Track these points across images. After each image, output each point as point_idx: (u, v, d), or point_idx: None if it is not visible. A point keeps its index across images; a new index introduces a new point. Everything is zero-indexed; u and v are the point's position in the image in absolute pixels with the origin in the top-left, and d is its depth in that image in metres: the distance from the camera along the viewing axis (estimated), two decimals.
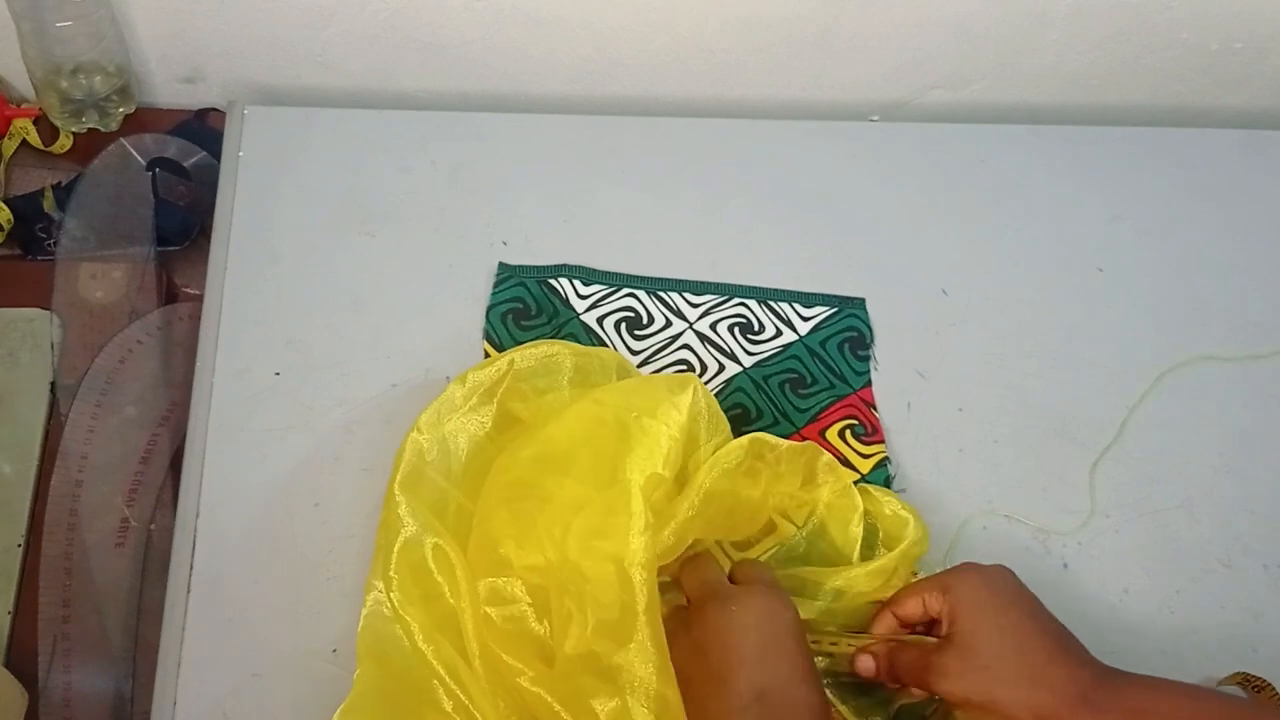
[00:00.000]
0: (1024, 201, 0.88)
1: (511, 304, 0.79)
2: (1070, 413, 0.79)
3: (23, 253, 0.81)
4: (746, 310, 0.80)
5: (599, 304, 0.79)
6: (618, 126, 0.88)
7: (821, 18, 0.86)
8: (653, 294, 0.80)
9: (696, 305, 0.80)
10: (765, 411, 0.76)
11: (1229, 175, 0.91)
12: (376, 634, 0.64)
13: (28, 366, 0.76)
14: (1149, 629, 0.71)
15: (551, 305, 0.79)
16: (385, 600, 0.64)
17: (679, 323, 0.80)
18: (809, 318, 0.80)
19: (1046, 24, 0.87)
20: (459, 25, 0.85)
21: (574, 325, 0.78)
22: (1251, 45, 0.90)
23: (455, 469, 0.68)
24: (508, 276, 0.80)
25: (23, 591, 0.69)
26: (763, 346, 0.79)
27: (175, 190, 0.83)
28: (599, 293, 0.80)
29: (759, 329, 0.80)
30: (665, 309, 0.80)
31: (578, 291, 0.80)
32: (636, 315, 0.79)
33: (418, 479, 0.67)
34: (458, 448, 0.69)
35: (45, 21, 0.78)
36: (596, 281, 0.80)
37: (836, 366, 0.78)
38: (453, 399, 0.69)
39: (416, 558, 0.64)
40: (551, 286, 0.80)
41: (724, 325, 0.79)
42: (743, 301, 0.81)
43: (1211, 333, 0.83)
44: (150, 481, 0.73)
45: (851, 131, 0.90)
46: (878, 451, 0.75)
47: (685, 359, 0.78)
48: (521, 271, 0.80)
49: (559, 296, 0.79)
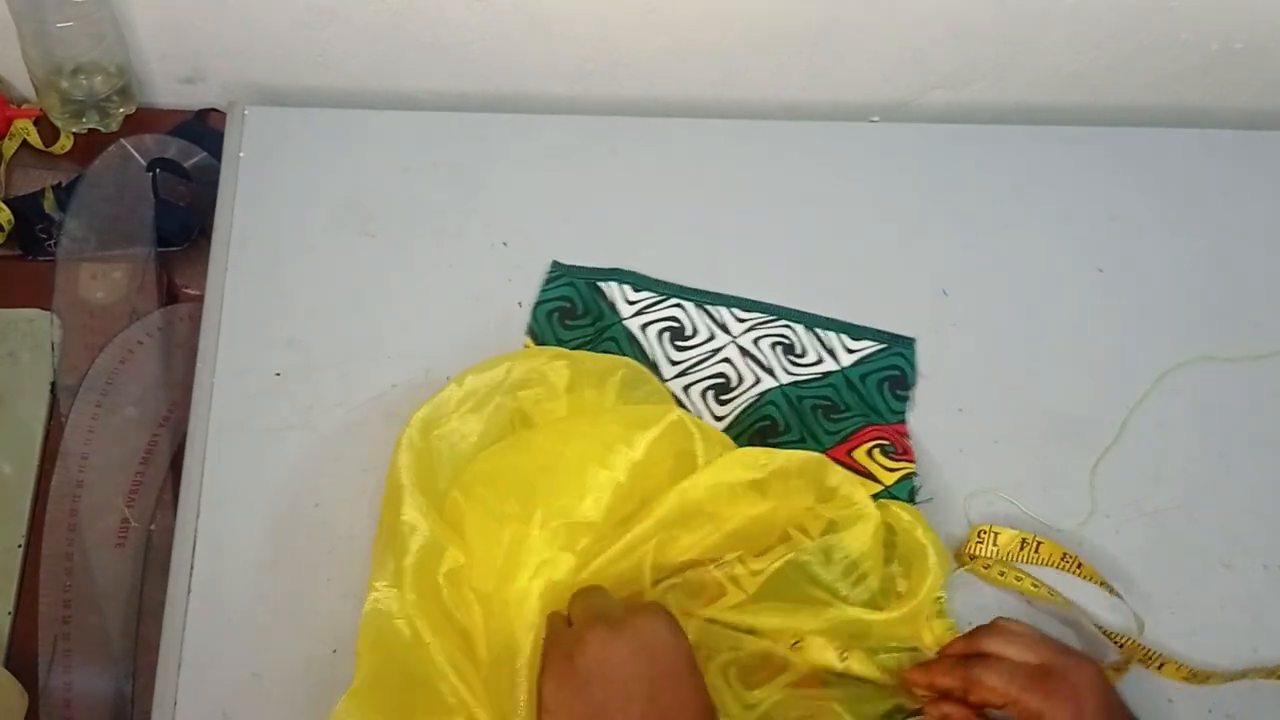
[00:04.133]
0: (1024, 201, 0.88)
1: (560, 302, 0.78)
2: (1070, 413, 0.79)
3: (23, 253, 0.81)
4: (791, 332, 0.79)
5: (645, 311, 0.79)
6: (618, 127, 0.88)
7: (821, 18, 0.86)
8: (701, 307, 0.80)
9: (743, 320, 0.80)
10: (794, 428, 0.75)
11: (1229, 175, 0.91)
12: (378, 629, 0.64)
13: (28, 367, 0.76)
14: (1149, 629, 0.71)
15: (599, 308, 0.79)
16: (389, 597, 0.64)
17: (722, 336, 0.79)
18: (854, 350, 0.79)
19: (1046, 24, 0.87)
20: (459, 25, 0.85)
21: (617, 330, 0.78)
22: (1251, 45, 0.90)
23: (446, 474, 0.68)
24: (559, 275, 0.80)
25: (23, 591, 0.69)
26: (802, 370, 0.78)
27: (175, 190, 0.83)
28: (647, 300, 0.79)
29: (801, 352, 0.79)
30: (711, 322, 0.79)
31: (626, 297, 0.79)
32: (680, 326, 0.79)
33: (418, 476, 0.67)
34: (452, 451, 0.68)
35: (46, 22, 0.78)
36: (647, 289, 0.80)
37: (872, 401, 0.77)
38: (449, 401, 0.69)
39: (427, 561, 0.64)
40: (600, 289, 0.80)
41: (766, 342, 0.79)
42: (789, 324, 0.80)
43: (1211, 333, 0.83)
44: (150, 482, 0.73)
45: (851, 132, 0.90)
46: (904, 467, 0.73)
47: (723, 371, 0.77)
48: (573, 271, 0.80)
49: (606, 300, 0.79)
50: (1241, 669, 0.70)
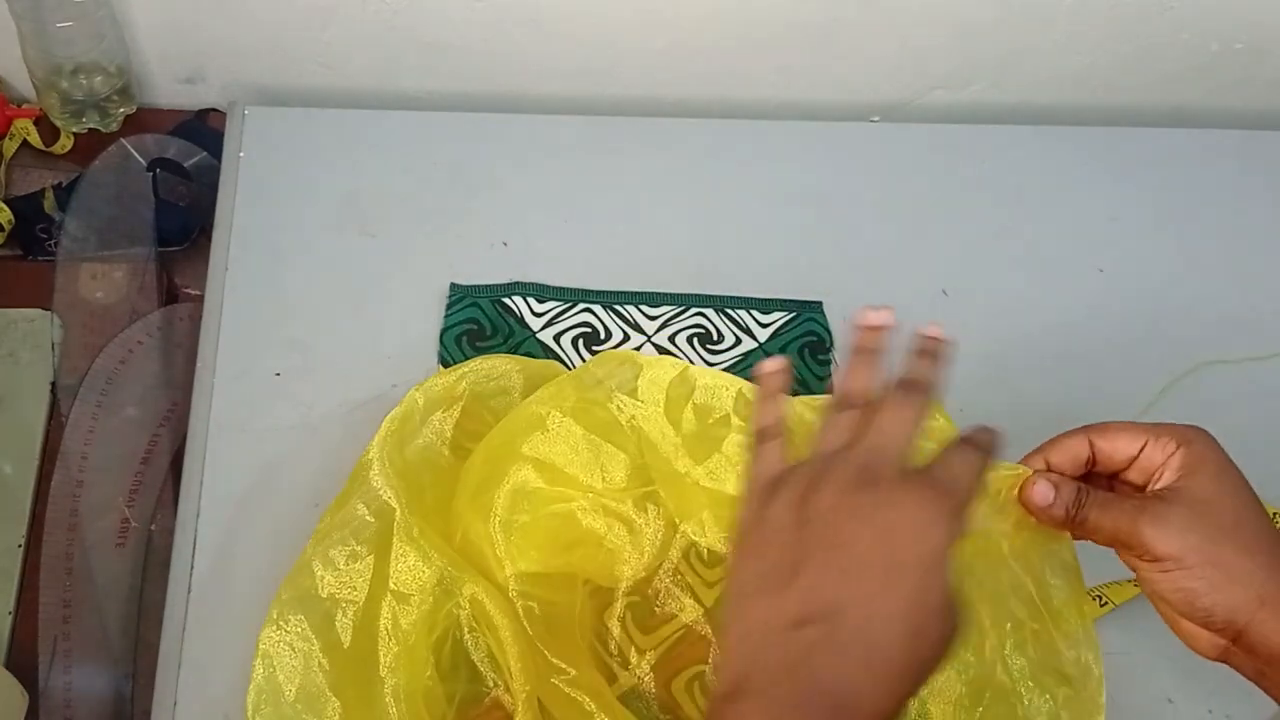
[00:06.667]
0: (1024, 201, 0.88)
1: (466, 325, 0.77)
2: (1070, 413, 0.78)
3: (23, 253, 0.81)
4: (704, 320, 0.79)
5: (554, 321, 0.78)
6: (618, 127, 0.88)
7: (821, 18, 0.86)
8: (609, 308, 0.79)
9: (654, 317, 0.79)
10: None
11: (1229, 175, 0.91)
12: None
13: (28, 367, 0.76)
14: (1150, 629, 0.71)
15: (507, 325, 0.78)
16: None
17: (637, 336, 0.79)
18: (767, 324, 0.79)
19: (1046, 24, 0.87)
20: (459, 25, 0.85)
21: (530, 344, 0.77)
22: (1251, 45, 0.90)
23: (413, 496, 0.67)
24: (460, 297, 0.78)
25: (23, 591, 0.69)
26: (721, 356, 0.78)
27: (176, 190, 0.83)
28: (554, 309, 0.79)
29: (717, 338, 0.79)
30: (622, 323, 0.79)
31: (532, 309, 0.78)
32: (594, 331, 0.78)
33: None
34: (416, 471, 0.68)
35: (46, 22, 0.78)
36: (551, 298, 0.79)
37: (798, 373, 0.77)
38: (412, 414, 0.69)
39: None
40: (506, 306, 0.78)
41: (682, 337, 0.79)
42: (700, 311, 0.80)
43: (1212, 333, 0.83)
44: (151, 481, 0.73)
45: (851, 132, 0.90)
46: None
47: None
48: (475, 292, 0.79)
49: (514, 315, 0.78)
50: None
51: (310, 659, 0.62)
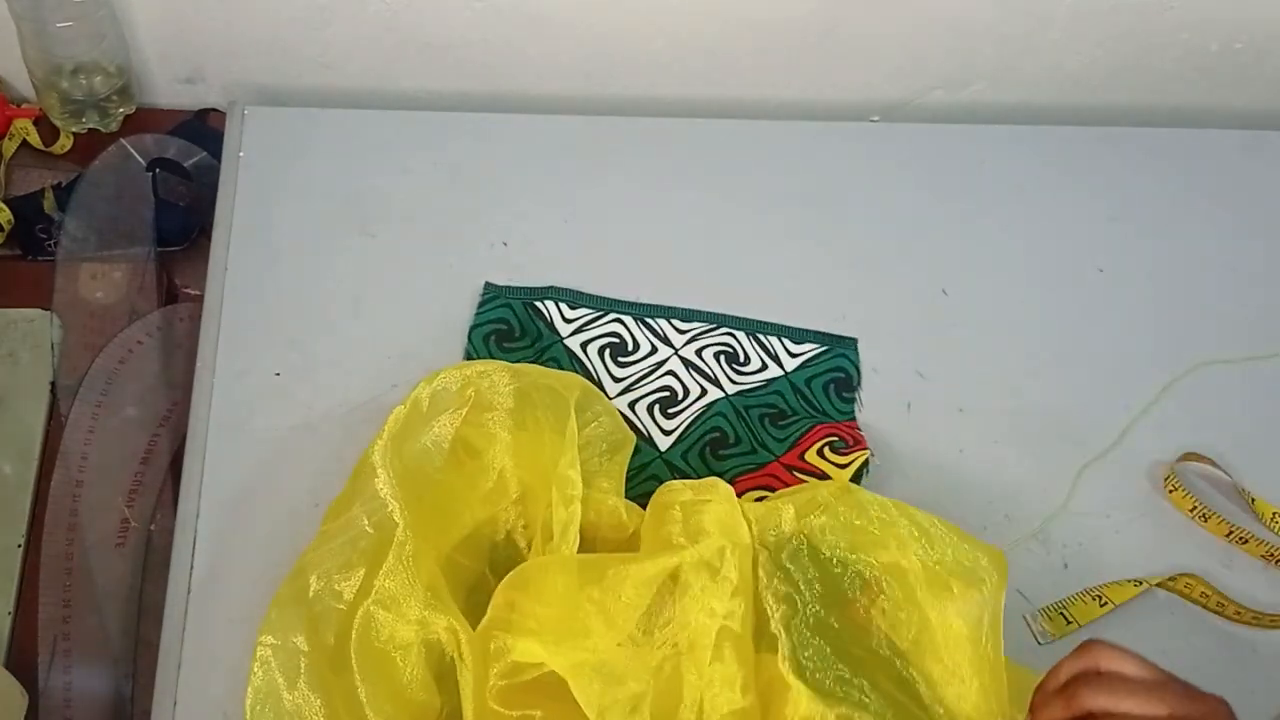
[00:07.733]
0: (1024, 201, 0.88)
1: (496, 325, 0.77)
2: (1070, 412, 0.79)
3: (23, 253, 0.81)
4: (734, 340, 0.79)
5: (584, 329, 0.78)
6: (618, 127, 0.88)
7: (821, 18, 0.86)
8: (640, 320, 0.79)
9: (684, 331, 0.79)
10: (744, 439, 0.75)
11: (1229, 175, 0.91)
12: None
13: (28, 367, 0.76)
14: (1150, 629, 0.71)
15: (536, 328, 0.77)
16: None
17: (664, 349, 0.78)
18: (796, 354, 0.79)
19: (1046, 24, 0.87)
20: (459, 25, 0.85)
21: (557, 349, 0.77)
22: (1251, 45, 0.90)
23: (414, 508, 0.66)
24: (493, 297, 0.78)
25: (23, 591, 0.69)
26: (747, 378, 0.78)
27: (175, 190, 0.84)
28: (585, 317, 0.78)
29: (744, 360, 0.78)
30: (652, 335, 0.78)
31: (563, 315, 0.78)
32: (621, 341, 0.78)
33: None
34: (414, 477, 0.67)
35: (46, 22, 0.78)
36: (583, 305, 0.79)
37: (819, 404, 0.77)
38: (416, 414, 0.68)
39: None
40: (537, 309, 0.78)
41: (709, 352, 0.78)
42: (730, 332, 0.79)
43: (1212, 334, 0.83)
44: (150, 481, 0.73)
45: (851, 132, 0.90)
46: (856, 458, 0.72)
47: (668, 385, 0.77)
48: (508, 292, 0.79)
49: (544, 319, 0.78)
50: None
51: (307, 663, 0.62)
